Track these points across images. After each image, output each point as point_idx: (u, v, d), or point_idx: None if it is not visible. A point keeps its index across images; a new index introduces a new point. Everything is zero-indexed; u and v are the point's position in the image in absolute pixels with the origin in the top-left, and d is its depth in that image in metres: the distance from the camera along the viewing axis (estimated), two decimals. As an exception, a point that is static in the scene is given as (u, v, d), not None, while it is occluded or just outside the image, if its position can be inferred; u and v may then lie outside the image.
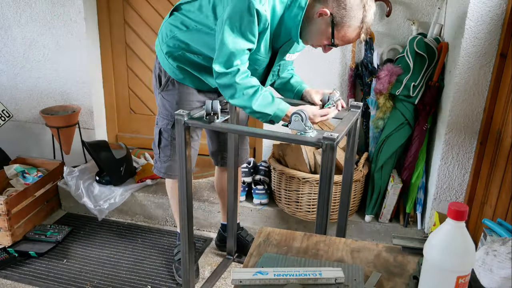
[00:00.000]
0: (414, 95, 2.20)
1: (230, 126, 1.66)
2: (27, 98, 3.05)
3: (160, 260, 2.32)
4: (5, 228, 2.41)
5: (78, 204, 2.70)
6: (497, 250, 0.98)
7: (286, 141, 1.94)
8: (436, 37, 2.29)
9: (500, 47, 1.89)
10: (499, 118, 1.89)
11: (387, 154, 2.30)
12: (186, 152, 1.66)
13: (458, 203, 0.82)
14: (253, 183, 2.55)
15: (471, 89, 2.00)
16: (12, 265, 2.26)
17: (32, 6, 2.81)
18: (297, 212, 2.38)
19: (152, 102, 3.09)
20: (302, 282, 0.98)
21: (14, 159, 2.87)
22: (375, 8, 1.56)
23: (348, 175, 1.86)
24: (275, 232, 1.23)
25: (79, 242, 2.47)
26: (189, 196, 1.76)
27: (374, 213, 2.40)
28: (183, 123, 1.60)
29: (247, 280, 0.98)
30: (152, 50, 2.96)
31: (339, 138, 1.44)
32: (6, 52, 2.97)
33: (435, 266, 0.84)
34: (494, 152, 1.91)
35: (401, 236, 1.19)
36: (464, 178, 2.17)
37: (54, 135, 2.87)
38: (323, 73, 2.56)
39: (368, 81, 2.39)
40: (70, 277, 2.18)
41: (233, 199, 2.20)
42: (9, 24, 2.89)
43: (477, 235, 1.94)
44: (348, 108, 1.78)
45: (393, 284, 1.03)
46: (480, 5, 1.88)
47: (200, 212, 2.57)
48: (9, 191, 2.60)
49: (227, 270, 2.25)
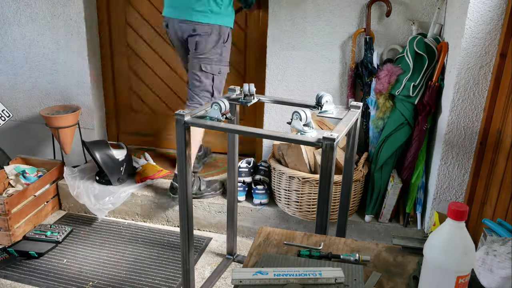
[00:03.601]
0: (414, 95, 2.20)
1: (230, 126, 1.66)
2: (27, 98, 3.05)
3: (160, 260, 2.32)
4: (5, 228, 2.41)
5: (78, 204, 2.70)
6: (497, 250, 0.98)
7: (286, 141, 1.94)
8: (436, 37, 2.29)
9: (500, 47, 1.89)
10: (499, 118, 1.89)
11: (387, 154, 2.30)
12: (186, 152, 1.66)
13: (458, 203, 0.82)
14: (253, 183, 2.55)
15: (471, 89, 2.00)
16: (12, 265, 2.26)
17: (32, 6, 2.81)
18: (297, 212, 2.38)
19: (152, 102, 3.09)
20: (302, 282, 0.98)
21: (14, 159, 2.87)
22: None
23: (348, 175, 1.86)
24: (275, 232, 1.23)
25: (79, 242, 2.47)
26: (189, 196, 1.76)
27: (374, 213, 2.40)
28: (183, 123, 1.61)
29: (247, 280, 0.98)
30: (152, 50, 2.96)
31: (339, 138, 1.44)
32: (6, 52, 2.97)
33: (435, 266, 0.84)
34: (494, 152, 1.91)
35: (401, 236, 1.19)
36: (464, 178, 2.17)
37: (54, 135, 2.87)
38: (323, 73, 2.56)
39: (368, 81, 2.39)
40: (70, 277, 2.18)
41: (233, 199, 2.20)
42: (9, 24, 2.89)
43: (477, 235, 1.94)
44: (348, 108, 1.79)
45: (393, 284, 1.03)
46: (480, 5, 1.88)
47: (200, 212, 2.57)
48: (9, 191, 2.60)
49: (227, 270, 2.26)
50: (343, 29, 2.46)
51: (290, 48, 2.56)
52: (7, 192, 2.60)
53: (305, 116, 1.50)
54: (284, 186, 2.36)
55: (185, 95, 3.02)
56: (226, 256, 2.34)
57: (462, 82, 2.00)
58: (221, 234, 2.56)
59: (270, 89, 2.66)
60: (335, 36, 2.48)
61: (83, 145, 2.91)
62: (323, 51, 2.52)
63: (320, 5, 2.45)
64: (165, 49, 2.93)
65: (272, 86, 2.66)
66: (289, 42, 2.55)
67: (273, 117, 2.72)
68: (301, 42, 2.53)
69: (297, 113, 1.49)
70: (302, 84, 2.61)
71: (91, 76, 2.92)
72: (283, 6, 2.49)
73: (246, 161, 2.66)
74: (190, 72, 2.40)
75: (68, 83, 2.95)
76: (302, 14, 2.48)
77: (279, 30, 2.54)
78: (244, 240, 2.53)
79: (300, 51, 2.55)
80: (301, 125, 1.50)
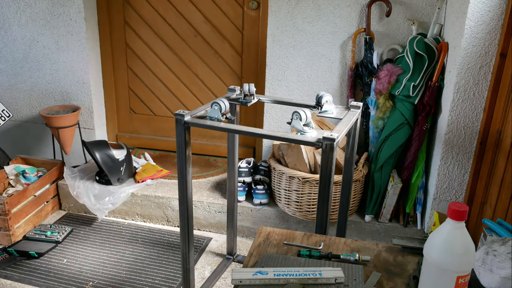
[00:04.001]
0: (414, 95, 2.20)
1: (230, 126, 1.66)
2: (27, 98, 3.05)
3: (160, 260, 2.32)
4: (5, 228, 2.41)
5: (78, 204, 2.70)
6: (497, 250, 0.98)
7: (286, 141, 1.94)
8: (436, 37, 2.29)
9: (500, 47, 1.89)
10: (499, 118, 1.89)
11: (387, 154, 2.30)
12: (186, 152, 1.66)
13: (458, 203, 0.82)
14: (253, 183, 2.55)
15: (471, 89, 2.00)
16: (12, 265, 2.26)
17: (32, 6, 2.81)
18: (297, 212, 2.38)
19: (152, 102, 3.10)
20: (302, 282, 0.98)
21: (14, 159, 2.87)
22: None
23: (348, 175, 1.86)
24: (275, 232, 1.23)
25: (79, 242, 2.47)
26: (189, 196, 1.76)
27: (374, 213, 2.40)
28: (183, 123, 1.61)
29: (247, 280, 0.98)
30: (152, 50, 2.96)
31: (339, 138, 1.44)
32: (6, 52, 2.97)
33: (435, 266, 0.84)
34: (494, 152, 1.91)
35: (401, 236, 1.19)
36: (464, 178, 2.17)
37: (54, 135, 2.87)
38: (323, 73, 2.56)
39: (368, 81, 2.39)
40: (70, 277, 2.18)
41: (233, 199, 2.20)
42: (9, 24, 2.89)
43: (477, 235, 1.94)
44: (348, 108, 1.79)
45: (393, 284, 1.03)
46: (480, 5, 1.88)
47: (200, 212, 2.57)
48: (9, 191, 2.60)
49: (227, 270, 2.26)
50: (343, 29, 2.46)
51: (290, 48, 2.56)
52: (7, 192, 2.60)
53: (305, 116, 1.50)
54: (284, 186, 2.36)
55: (183, 96, 3.03)
56: (226, 256, 2.34)
57: (462, 82, 2.00)
58: (221, 234, 2.56)
59: (270, 89, 2.67)
60: (335, 36, 2.48)
61: (83, 145, 2.91)
62: (323, 51, 2.52)
63: (320, 5, 2.45)
64: (164, 50, 2.93)
65: (272, 86, 2.66)
66: (289, 42, 2.55)
67: (273, 117, 2.72)
68: (301, 42, 2.54)
69: (297, 113, 1.49)
70: (302, 84, 2.61)
71: (91, 76, 2.92)
72: (283, 6, 2.49)
73: (246, 161, 2.66)
74: None
75: (68, 83, 2.95)
76: (302, 14, 2.48)
77: (279, 30, 2.54)
78: (244, 240, 2.53)
79: (300, 51, 2.55)
80: (301, 125, 1.50)
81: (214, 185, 2.71)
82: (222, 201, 2.53)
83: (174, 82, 3.02)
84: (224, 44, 2.83)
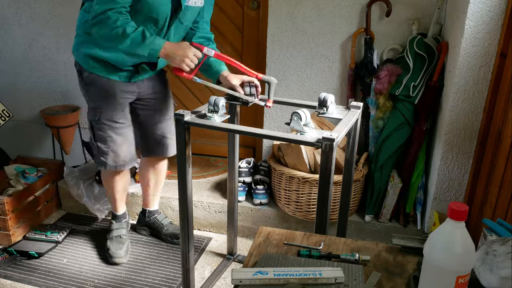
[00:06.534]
0: (414, 95, 2.20)
1: (230, 126, 1.66)
2: (27, 98, 3.05)
3: (160, 260, 2.32)
4: (5, 228, 2.41)
5: (78, 204, 2.70)
6: (497, 250, 0.98)
7: (286, 141, 1.94)
8: (436, 37, 2.29)
9: (500, 47, 1.89)
10: (499, 118, 1.89)
11: (387, 154, 2.30)
12: (186, 152, 1.66)
13: (458, 203, 0.82)
14: (253, 183, 2.55)
15: (471, 89, 2.00)
16: (12, 265, 2.26)
17: (32, 6, 2.81)
18: (297, 212, 2.38)
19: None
20: (302, 282, 0.98)
21: (14, 159, 2.87)
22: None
23: (348, 175, 1.86)
24: (275, 232, 1.23)
25: (79, 242, 2.47)
26: (189, 196, 1.76)
27: (374, 213, 2.40)
28: (183, 123, 1.61)
29: (247, 280, 0.98)
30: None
31: (339, 138, 1.44)
32: (6, 52, 2.97)
33: (435, 266, 0.84)
34: (494, 152, 1.91)
35: (401, 236, 1.19)
36: (464, 178, 2.17)
37: (54, 135, 2.87)
38: (322, 73, 2.56)
39: (368, 81, 2.39)
40: (70, 277, 2.18)
41: (233, 199, 2.20)
42: (9, 24, 2.89)
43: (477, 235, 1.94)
44: (348, 108, 1.79)
45: (393, 284, 1.03)
46: (480, 5, 1.88)
47: (200, 212, 2.57)
48: (9, 191, 2.60)
49: (227, 270, 2.26)
50: (343, 29, 2.46)
51: (290, 48, 2.56)
52: (7, 192, 2.60)
53: (304, 116, 1.50)
54: (284, 186, 2.36)
55: (182, 95, 3.02)
56: (226, 256, 2.34)
57: (462, 82, 2.00)
58: (221, 234, 2.56)
59: (270, 89, 2.66)
60: (335, 36, 2.48)
61: (83, 145, 2.91)
62: (323, 51, 2.52)
63: (320, 5, 2.45)
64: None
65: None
66: (289, 42, 2.55)
67: (273, 117, 2.72)
68: (301, 42, 2.53)
69: (297, 113, 1.49)
70: (302, 84, 2.61)
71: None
72: (283, 6, 2.49)
73: (246, 161, 2.66)
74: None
75: (68, 83, 2.95)
76: (302, 14, 2.48)
77: (279, 30, 2.54)
78: (244, 240, 2.53)
79: (300, 51, 2.55)
80: (301, 125, 1.50)
81: (214, 185, 2.71)
82: (222, 201, 2.53)
83: (174, 82, 3.01)
84: (224, 44, 2.83)
